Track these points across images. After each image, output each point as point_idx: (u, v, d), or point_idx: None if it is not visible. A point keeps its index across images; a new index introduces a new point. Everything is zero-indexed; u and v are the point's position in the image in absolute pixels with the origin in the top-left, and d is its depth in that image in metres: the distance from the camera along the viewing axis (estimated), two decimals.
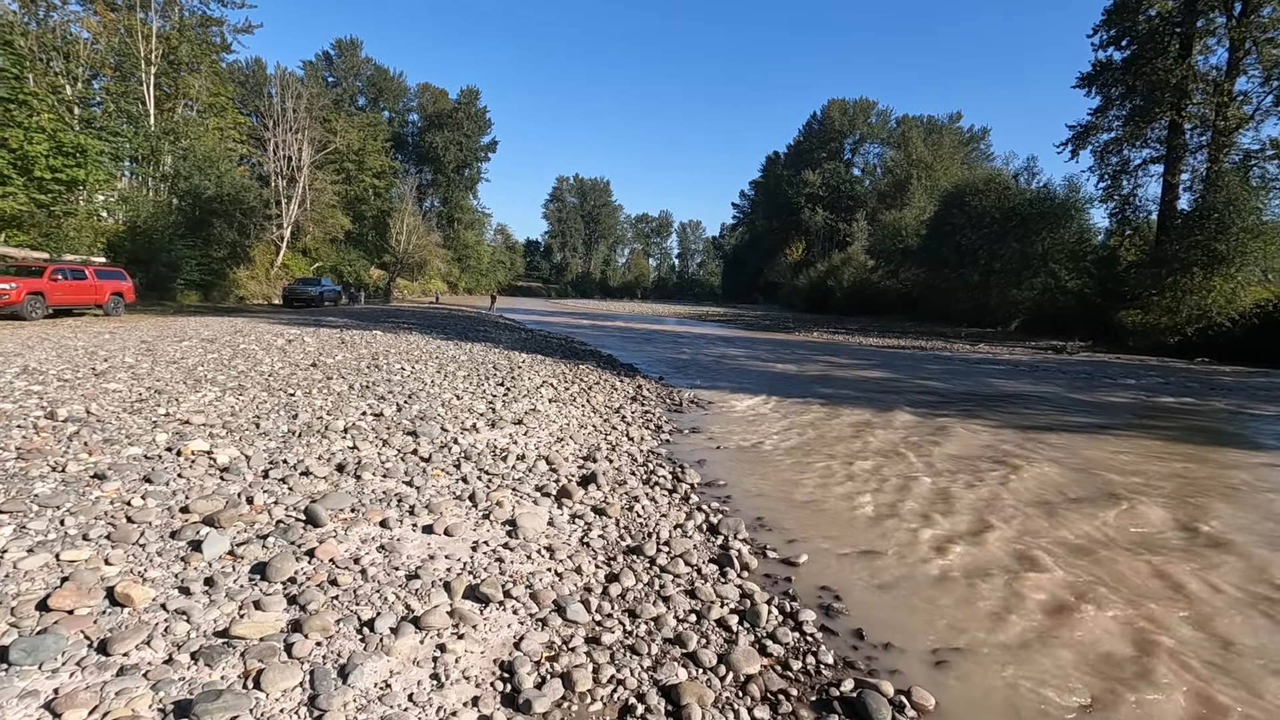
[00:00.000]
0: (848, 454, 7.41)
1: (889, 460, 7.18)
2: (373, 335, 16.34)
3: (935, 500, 5.77)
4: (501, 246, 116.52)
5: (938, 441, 8.29)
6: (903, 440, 8.30)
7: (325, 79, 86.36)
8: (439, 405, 7.81)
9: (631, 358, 18.52)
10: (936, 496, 5.88)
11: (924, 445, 8.03)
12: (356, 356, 11.61)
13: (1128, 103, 38.23)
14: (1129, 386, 16.36)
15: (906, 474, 6.62)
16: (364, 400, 7.69)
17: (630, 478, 5.69)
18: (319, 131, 49.97)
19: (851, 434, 8.63)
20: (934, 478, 6.50)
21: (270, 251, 45.29)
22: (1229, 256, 29.83)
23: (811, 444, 7.87)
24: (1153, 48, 36.48)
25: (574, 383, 11.43)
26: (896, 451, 7.62)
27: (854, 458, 7.22)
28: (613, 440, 7.07)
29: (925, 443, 8.19)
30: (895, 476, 6.50)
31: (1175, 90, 35.06)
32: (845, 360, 21.02)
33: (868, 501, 5.64)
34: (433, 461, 5.40)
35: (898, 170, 72.59)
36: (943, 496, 5.88)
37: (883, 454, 7.47)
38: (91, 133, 26.88)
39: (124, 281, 19.70)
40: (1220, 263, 30.20)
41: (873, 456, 7.32)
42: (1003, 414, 10.93)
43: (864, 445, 7.93)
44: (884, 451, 7.60)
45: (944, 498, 5.85)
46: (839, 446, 7.79)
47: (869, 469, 6.75)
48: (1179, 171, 37.31)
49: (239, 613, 2.82)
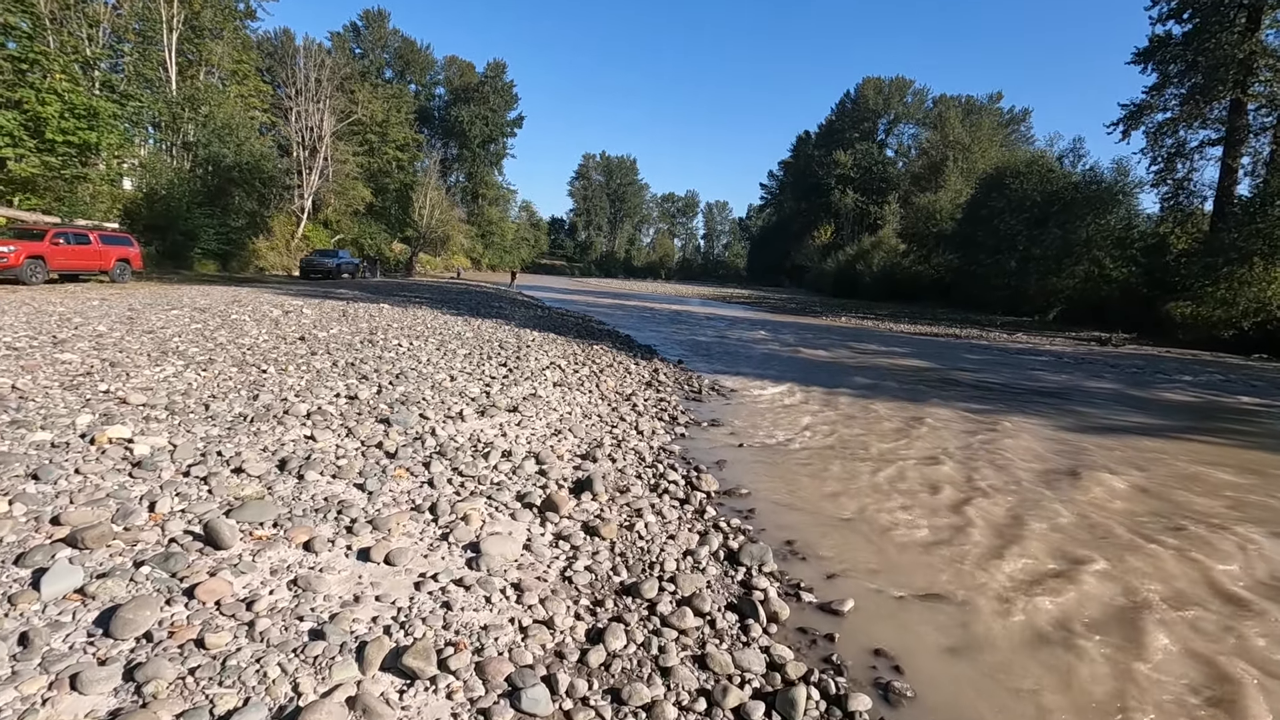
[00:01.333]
0: (890, 456, 6.40)
1: (939, 465, 6.16)
2: (379, 309, 15.58)
3: (1004, 521, 4.75)
4: (526, 224, 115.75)
5: (992, 444, 7.23)
6: (953, 442, 7.26)
7: (352, 50, 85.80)
8: (427, 388, 6.94)
9: (650, 339, 17.56)
10: (1005, 516, 4.86)
11: (977, 448, 6.98)
12: (353, 331, 10.82)
13: (1187, 80, 35.81)
14: (1188, 384, 15.01)
15: (963, 484, 5.60)
16: (344, 379, 6.85)
17: (635, 483, 4.76)
18: (342, 101, 49.29)
19: (892, 432, 7.60)
20: (997, 491, 5.47)
21: (291, 223, 44.94)
22: None
23: (847, 443, 6.87)
24: (1217, 21, 34.01)
25: (584, 365, 10.51)
26: (947, 454, 6.58)
27: (898, 461, 6.21)
28: (619, 433, 6.15)
29: (978, 445, 7.13)
30: (950, 487, 5.49)
31: (1241, 66, 32.68)
32: (877, 347, 19.83)
33: (921, 521, 4.65)
34: (398, 458, 4.52)
35: (933, 152, 69.88)
36: (1012, 517, 4.86)
37: (930, 458, 6.45)
38: (106, 96, 26.41)
39: (131, 248, 19.15)
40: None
41: (919, 461, 6.30)
42: (1057, 412, 9.78)
43: (908, 446, 6.91)
44: (932, 455, 6.58)
45: (1014, 518, 4.83)
46: (879, 447, 6.78)
47: (917, 477, 5.74)
48: (1240, 155, 35.00)
49: (42, 697, 1.95)
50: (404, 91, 71.64)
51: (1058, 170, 45.06)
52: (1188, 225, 38.04)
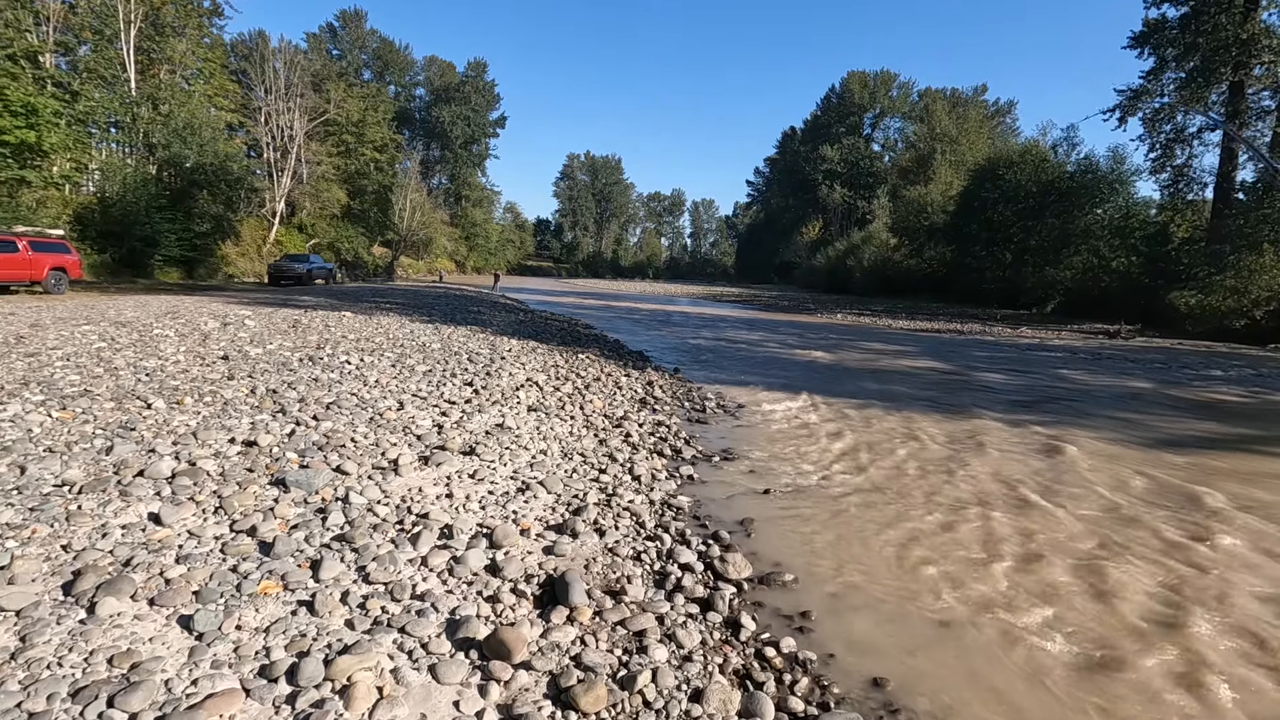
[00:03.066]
0: (961, 499, 4.95)
1: (1031, 511, 4.73)
2: (340, 317, 13.99)
3: (1170, 614, 3.31)
4: (511, 225, 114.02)
5: (1071, 472, 5.80)
6: (1022, 469, 5.83)
7: (329, 52, 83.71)
8: (363, 422, 5.42)
9: (641, 343, 16.09)
10: (1165, 604, 3.42)
11: (1059, 481, 5.55)
12: (297, 345, 9.25)
13: (1185, 63, 34.79)
14: (1221, 380, 13.74)
15: (1079, 539, 4.17)
16: (254, 415, 5.31)
17: (633, 573, 3.27)
18: (314, 100, 47.42)
19: (944, 459, 6.15)
20: (1136, 554, 4.02)
21: (263, 227, 43.06)
22: None
23: (897, 480, 5.42)
24: (1215, 2, 33.00)
25: (567, 380, 9.00)
26: (1030, 492, 5.15)
27: (973, 506, 4.76)
28: (609, 482, 4.65)
29: (1058, 476, 5.70)
30: (1061, 556, 4.03)
31: (1243, 48, 31.67)
32: (881, 346, 18.47)
33: (1054, 623, 3.19)
34: (275, 554, 3.00)
35: (921, 144, 68.92)
36: (1173, 616, 3.42)
37: (1016, 500, 5.00)
38: (51, 93, 24.58)
39: (68, 255, 17.39)
40: None
41: (1004, 505, 4.85)
42: (1109, 422, 8.40)
43: (972, 480, 5.47)
44: (1013, 494, 5.13)
45: (1175, 615, 3.39)
46: (939, 484, 5.33)
47: (1012, 532, 4.29)
48: (1239, 139, 34.04)
49: None
50: (381, 91, 69.59)
51: (1052, 160, 44.04)
52: (1188, 213, 37.11)
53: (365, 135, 55.45)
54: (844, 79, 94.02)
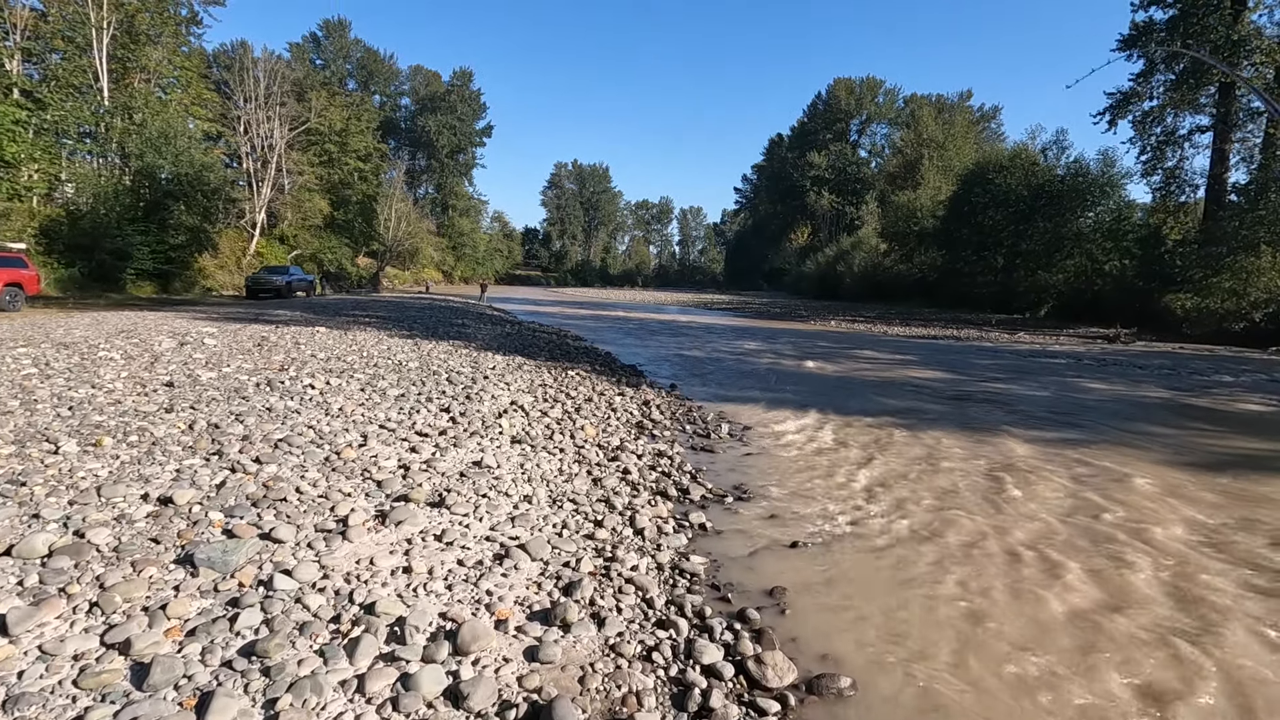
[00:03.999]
0: (1024, 548, 4.18)
1: (1124, 570, 3.97)
2: (313, 333, 13.11)
3: None
4: (499, 234, 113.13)
5: (1141, 516, 5.07)
6: (1084, 507, 5.08)
7: (313, 62, 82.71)
8: (314, 465, 4.59)
9: (634, 356, 15.31)
10: None
11: (1135, 521, 4.80)
12: (258, 367, 8.39)
13: (1176, 65, 34.60)
14: (1234, 386, 13.17)
15: (1225, 630, 3.43)
16: (182, 459, 4.47)
17: (644, 689, 2.46)
18: (295, 108, 46.42)
19: (987, 494, 5.39)
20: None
21: (242, 239, 41.97)
22: None
23: (944, 524, 4.64)
24: (1204, 4, 32.85)
25: (556, 402, 8.19)
26: (1108, 543, 4.39)
27: (1044, 560, 4.01)
28: (606, 539, 3.85)
29: (1124, 511, 4.96)
30: (1214, 647, 3.29)
31: (1234, 49, 31.48)
32: (881, 355, 17.80)
33: None
34: (150, 683, 2.17)
35: (908, 150, 68.86)
36: None
37: (1092, 551, 4.25)
38: (13, 101, 23.54)
39: (24, 270, 16.37)
40: None
41: (1078, 555, 4.09)
42: (1151, 441, 7.69)
43: (1030, 523, 4.70)
44: (1087, 545, 4.38)
45: None
46: (989, 526, 4.57)
47: (1120, 604, 3.53)
48: (1231, 140, 33.87)
49: None
50: (365, 100, 68.63)
51: (1041, 163, 43.84)
52: (1180, 215, 36.90)
53: (349, 144, 54.48)
54: (830, 86, 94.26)
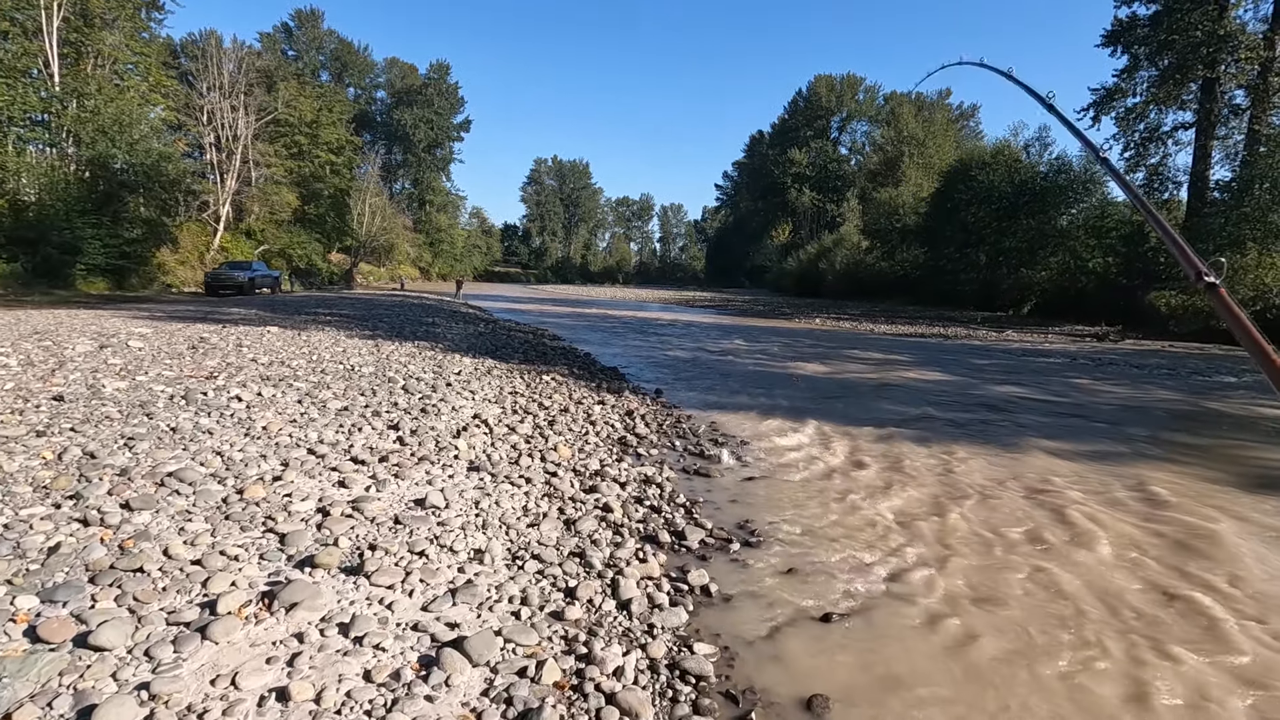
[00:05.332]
0: (1137, 621, 3.31)
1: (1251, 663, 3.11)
2: (262, 333, 11.93)
3: None
4: (477, 230, 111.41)
5: (1222, 560, 4.22)
6: (1170, 554, 4.22)
7: (285, 52, 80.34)
8: (200, 512, 3.55)
9: (615, 356, 14.33)
10: None
11: (1229, 579, 3.95)
12: (180, 375, 7.26)
13: (1160, 60, 34.35)
14: (1239, 387, 12.57)
15: None
16: (31, 505, 3.42)
17: None
18: (262, 98, 44.60)
19: (1039, 531, 4.51)
20: None
21: (206, 233, 40.21)
22: None
23: (1008, 577, 3.75)
24: (1187, 0, 32.59)
25: (527, 414, 7.19)
26: (1211, 627, 3.52)
27: (1172, 636, 3.13)
28: (579, 617, 2.86)
29: (1207, 561, 4.11)
30: None
31: (1220, 44, 31.24)
32: (875, 355, 17.02)
33: None
34: None
35: (889, 147, 68.67)
36: None
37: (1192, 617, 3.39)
38: None
39: None
40: (1278, 236, 26.63)
41: (1206, 639, 3.22)
42: (1189, 456, 6.91)
43: (1112, 573, 3.83)
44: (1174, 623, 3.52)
45: None
46: (1066, 572, 3.70)
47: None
48: (1213, 137, 33.72)
49: None
50: (336, 91, 66.60)
51: (1024, 161, 43.61)
52: (1164, 212, 36.76)
53: (320, 136, 52.63)
54: (811, 83, 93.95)
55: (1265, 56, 30.39)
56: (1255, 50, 30.47)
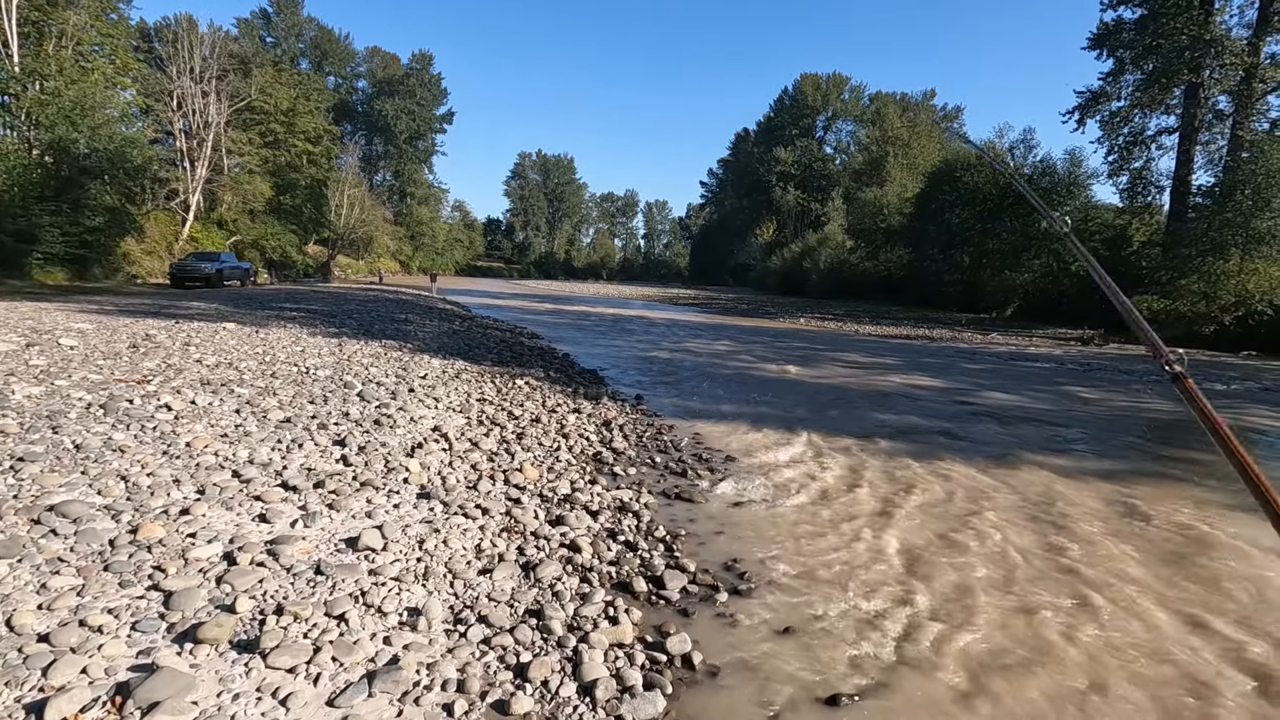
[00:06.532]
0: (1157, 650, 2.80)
1: None
2: (216, 330, 11.16)
3: None
4: (460, 224, 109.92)
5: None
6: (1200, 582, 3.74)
7: (263, 39, 78.41)
8: (72, 564, 2.92)
9: (595, 358, 13.72)
10: None
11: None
12: (107, 379, 6.54)
13: (1145, 65, 34.35)
14: (1230, 395, 12.31)
15: None
16: None
17: None
18: (235, 83, 43.23)
19: (1059, 569, 4.01)
20: None
21: (174, 222, 38.85)
22: (1274, 235, 26.24)
23: (1040, 633, 3.24)
24: (1173, 4, 32.58)
25: (495, 424, 6.57)
26: None
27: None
28: (529, 710, 2.31)
29: (1251, 578, 3.63)
30: None
31: (1202, 49, 31.26)
32: (862, 358, 16.61)
33: None
34: None
35: (873, 147, 68.63)
36: None
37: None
38: None
39: None
40: (1260, 242, 26.64)
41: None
42: (1200, 472, 6.50)
43: (1168, 644, 3.35)
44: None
45: None
46: (1104, 625, 3.19)
47: None
48: (1196, 142, 33.82)
49: None
50: (315, 79, 65.04)
51: (1009, 162, 43.55)
52: (1146, 216, 36.86)
53: (296, 125, 51.24)
54: (797, 81, 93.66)
55: (1249, 62, 30.44)
56: (1239, 55, 30.51)
